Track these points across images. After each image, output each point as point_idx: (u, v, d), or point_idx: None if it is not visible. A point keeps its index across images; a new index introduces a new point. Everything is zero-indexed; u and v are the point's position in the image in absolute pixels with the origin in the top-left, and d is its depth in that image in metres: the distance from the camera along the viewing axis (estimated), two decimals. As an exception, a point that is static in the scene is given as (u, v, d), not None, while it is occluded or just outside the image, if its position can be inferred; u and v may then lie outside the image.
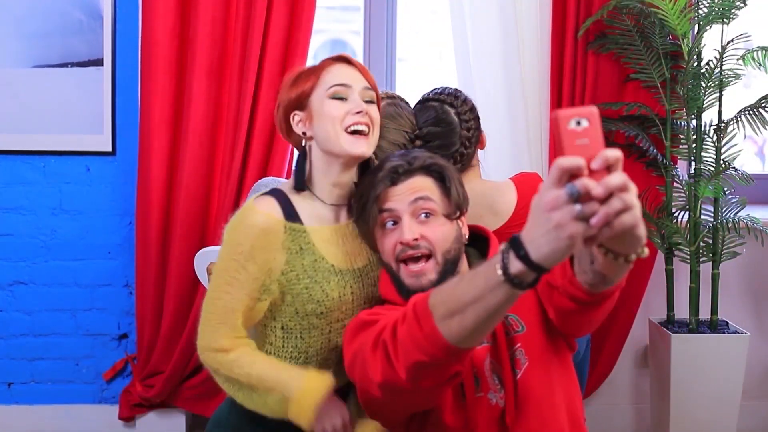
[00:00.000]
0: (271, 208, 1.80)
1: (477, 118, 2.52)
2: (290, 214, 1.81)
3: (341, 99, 1.81)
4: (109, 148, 3.10)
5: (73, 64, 3.06)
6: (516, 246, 1.19)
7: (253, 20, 2.87)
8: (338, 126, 1.79)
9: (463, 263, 1.78)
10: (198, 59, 2.88)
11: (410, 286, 1.70)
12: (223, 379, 1.81)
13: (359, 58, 3.40)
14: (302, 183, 1.85)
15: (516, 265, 1.18)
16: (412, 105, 2.54)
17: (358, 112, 1.80)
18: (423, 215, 1.72)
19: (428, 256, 1.71)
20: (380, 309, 1.70)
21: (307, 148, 1.86)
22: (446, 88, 2.55)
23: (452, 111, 2.47)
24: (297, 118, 1.85)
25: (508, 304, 1.24)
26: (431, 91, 2.55)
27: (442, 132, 2.44)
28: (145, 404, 3.13)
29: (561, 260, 1.15)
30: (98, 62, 3.06)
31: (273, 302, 1.81)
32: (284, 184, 1.92)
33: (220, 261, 1.80)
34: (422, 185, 1.75)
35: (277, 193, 1.83)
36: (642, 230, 1.17)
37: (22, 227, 3.13)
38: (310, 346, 1.86)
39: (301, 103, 1.84)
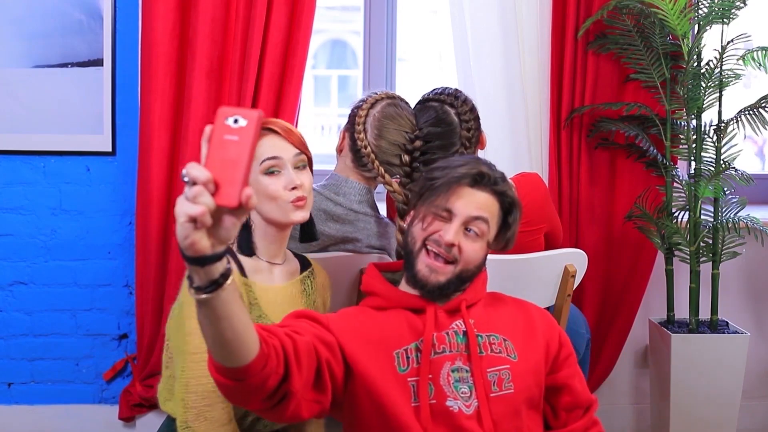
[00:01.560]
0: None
1: (477, 118, 2.53)
2: (240, 268, 1.88)
3: (274, 173, 1.89)
4: (109, 148, 3.10)
5: (73, 64, 3.06)
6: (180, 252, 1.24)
7: (253, 20, 2.87)
8: (282, 202, 1.88)
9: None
10: (198, 59, 2.88)
11: (419, 274, 1.78)
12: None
13: (359, 58, 3.41)
14: (250, 249, 1.92)
15: (186, 265, 1.25)
16: (413, 105, 2.55)
17: (293, 188, 1.88)
18: (471, 231, 1.80)
19: (452, 263, 1.78)
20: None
21: (250, 219, 1.92)
22: (446, 88, 2.56)
23: (452, 111, 2.47)
24: None
25: (216, 305, 1.29)
26: (431, 92, 2.56)
27: (442, 132, 2.45)
28: (145, 404, 3.13)
29: (197, 247, 1.20)
30: (98, 62, 3.06)
31: None
32: None
33: (184, 324, 1.81)
34: (490, 206, 1.82)
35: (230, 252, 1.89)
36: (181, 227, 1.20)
37: (22, 227, 3.13)
38: None
39: None
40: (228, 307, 1.30)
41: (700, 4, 2.95)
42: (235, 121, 1.19)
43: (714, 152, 3.01)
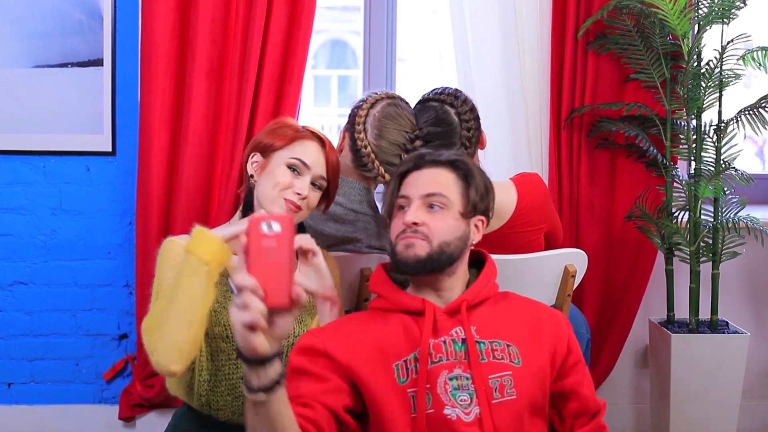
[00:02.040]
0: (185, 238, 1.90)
1: (477, 118, 2.53)
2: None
3: (294, 171, 1.98)
4: (109, 148, 3.10)
5: (73, 64, 3.06)
6: (238, 354, 1.31)
7: (253, 20, 2.87)
8: (278, 191, 1.95)
9: (462, 266, 1.85)
10: (198, 59, 2.88)
11: (399, 255, 1.79)
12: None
13: (359, 58, 3.41)
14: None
15: (245, 370, 1.32)
16: (413, 105, 2.55)
17: (299, 195, 1.96)
18: (435, 207, 1.81)
19: (425, 239, 1.78)
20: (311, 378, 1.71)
21: (252, 186, 2.02)
22: (446, 88, 2.56)
23: (452, 111, 2.47)
24: (254, 160, 2.03)
25: (272, 405, 1.35)
26: (431, 91, 2.56)
27: (442, 132, 2.45)
28: (145, 404, 3.13)
29: (259, 351, 1.27)
30: (98, 62, 3.06)
31: None
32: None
33: (157, 292, 1.90)
34: (443, 180, 1.84)
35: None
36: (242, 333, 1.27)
37: (22, 227, 3.13)
38: (218, 369, 1.92)
39: (265, 151, 2.02)
40: (281, 406, 1.36)
41: (700, 4, 2.95)
42: (269, 226, 1.25)
43: (714, 152, 3.01)
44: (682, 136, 3.05)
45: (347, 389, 1.69)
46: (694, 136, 3.01)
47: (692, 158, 3.04)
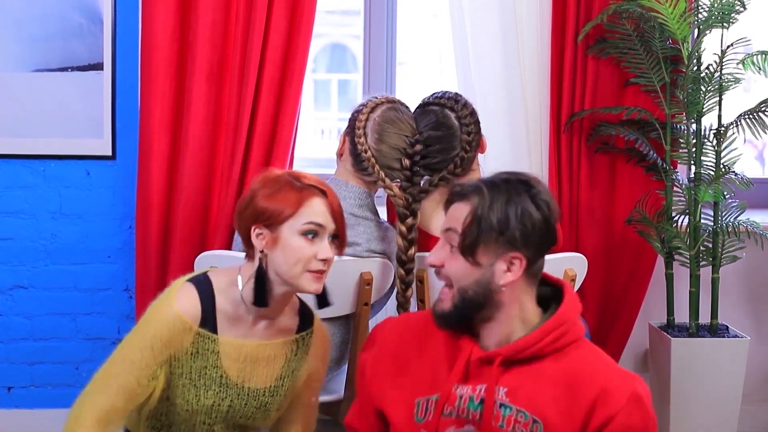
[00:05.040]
0: (189, 308, 1.82)
1: (477, 122, 2.53)
2: (207, 317, 1.83)
3: (311, 236, 1.81)
4: (109, 152, 3.10)
5: (73, 68, 3.06)
6: None
7: (253, 24, 2.87)
8: (302, 266, 1.81)
9: (501, 312, 1.61)
10: (198, 63, 2.88)
11: (434, 307, 1.65)
12: None
13: (359, 62, 3.41)
14: (264, 300, 1.84)
15: None
16: (413, 109, 2.55)
17: (324, 260, 1.82)
18: (449, 246, 1.63)
19: (450, 285, 1.63)
20: None
21: (263, 264, 1.83)
22: (446, 92, 2.56)
23: (452, 115, 2.48)
24: (259, 234, 1.83)
25: None
26: (431, 95, 2.57)
27: (442, 136, 2.45)
28: (144, 408, 3.13)
29: None
30: (98, 66, 3.06)
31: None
32: (217, 272, 1.91)
33: (128, 338, 1.85)
34: (458, 214, 1.61)
35: (203, 287, 1.84)
36: None
37: (22, 231, 3.13)
38: (173, 423, 1.90)
39: (270, 224, 1.82)
40: None
41: (699, 8, 2.96)
42: None
43: (714, 156, 3.01)
44: (682, 140, 3.05)
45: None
46: (694, 140, 3.01)
47: (692, 162, 3.04)
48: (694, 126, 3.01)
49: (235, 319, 1.86)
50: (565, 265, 2.47)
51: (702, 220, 3.00)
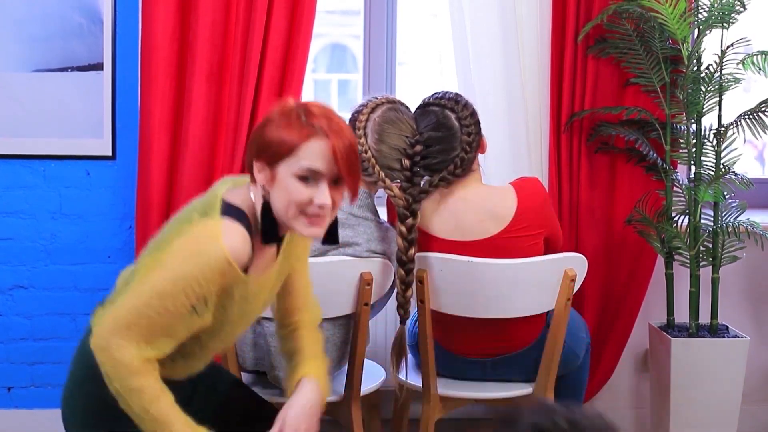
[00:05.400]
0: (239, 254, 1.73)
1: (477, 122, 2.54)
2: (248, 262, 1.76)
3: (307, 181, 1.72)
4: (109, 152, 3.10)
5: (73, 69, 3.06)
6: None
7: (253, 24, 2.87)
8: (295, 209, 1.72)
9: None
10: (198, 63, 2.88)
11: None
12: (109, 381, 1.79)
13: (359, 62, 3.41)
14: (275, 237, 1.79)
15: None
16: (413, 110, 2.55)
17: (320, 207, 1.72)
18: None
19: None
20: None
21: (266, 196, 1.77)
22: (447, 92, 2.57)
23: (453, 116, 2.48)
24: (260, 169, 1.76)
25: None
26: (432, 96, 2.57)
27: (442, 137, 2.45)
28: (144, 408, 3.13)
29: None
30: (98, 66, 3.06)
31: None
32: (242, 202, 1.80)
33: (166, 276, 1.73)
34: None
35: (249, 227, 1.76)
36: None
37: (22, 231, 3.13)
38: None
39: (269, 161, 1.74)
40: None
41: (699, 8, 2.96)
42: None
43: (714, 156, 3.01)
44: (681, 141, 3.05)
45: None
46: (694, 141, 3.01)
47: (692, 162, 3.04)
48: (694, 126, 3.02)
49: (262, 257, 1.82)
50: (565, 265, 2.47)
51: (702, 220, 3.00)
